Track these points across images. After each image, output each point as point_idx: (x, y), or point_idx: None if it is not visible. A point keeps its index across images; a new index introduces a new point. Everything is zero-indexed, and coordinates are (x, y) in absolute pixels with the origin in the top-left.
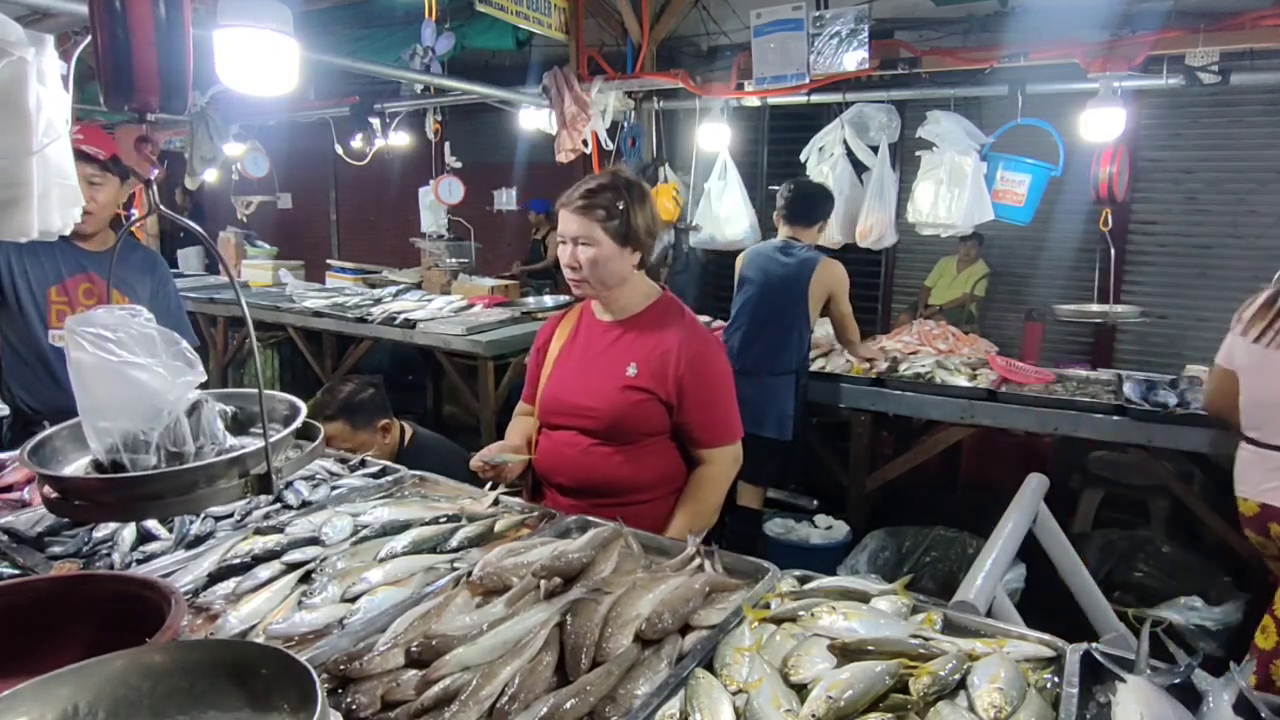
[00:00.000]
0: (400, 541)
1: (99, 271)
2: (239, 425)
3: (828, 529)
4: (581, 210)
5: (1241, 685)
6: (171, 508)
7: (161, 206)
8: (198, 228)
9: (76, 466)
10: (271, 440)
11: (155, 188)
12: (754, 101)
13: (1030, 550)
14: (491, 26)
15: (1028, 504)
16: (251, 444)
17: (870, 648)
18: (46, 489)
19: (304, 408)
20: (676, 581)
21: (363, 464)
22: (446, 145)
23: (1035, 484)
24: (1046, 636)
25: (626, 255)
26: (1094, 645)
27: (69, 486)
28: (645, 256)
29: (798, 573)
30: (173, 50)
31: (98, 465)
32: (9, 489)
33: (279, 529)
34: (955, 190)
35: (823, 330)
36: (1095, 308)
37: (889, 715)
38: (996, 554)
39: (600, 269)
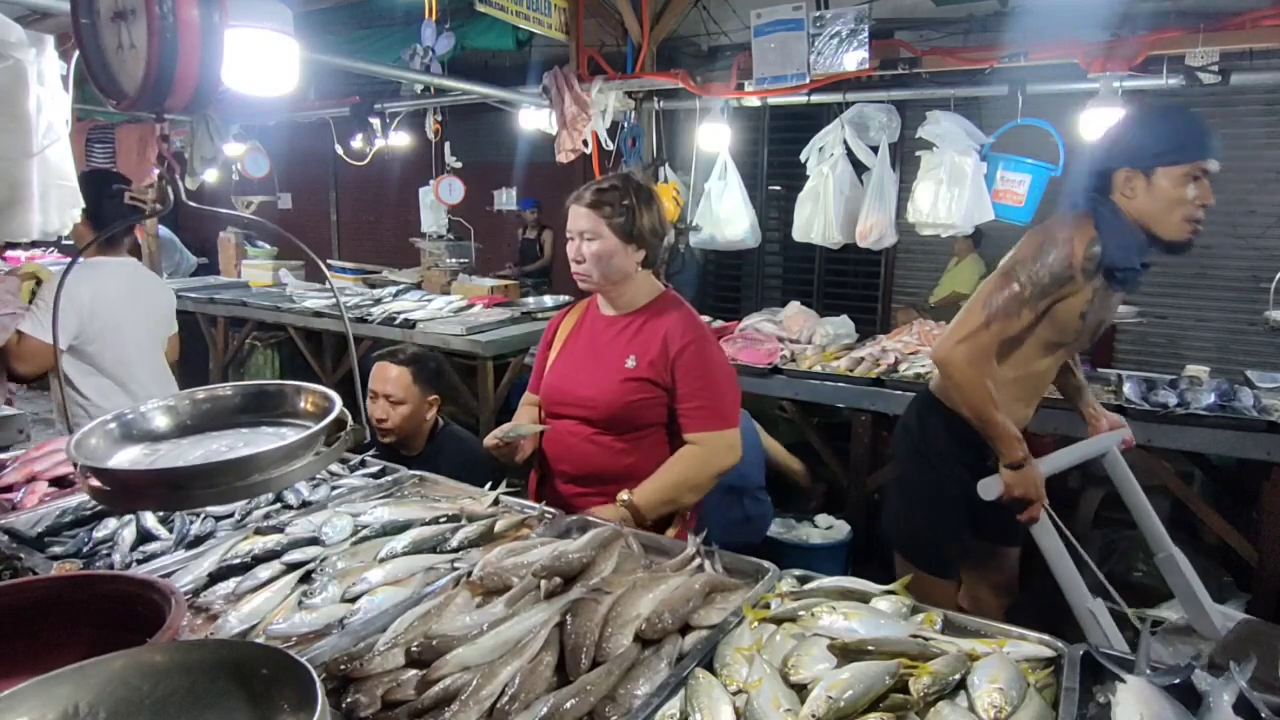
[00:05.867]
0: (400, 541)
1: None
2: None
3: (828, 529)
4: (590, 206)
5: (1241, 685)
6: (270, 484)
7: (189, 201)
8: (241, 216)
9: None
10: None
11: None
12: (754, 101)
13: (1029, 551)
14: (491, 26)
15: None
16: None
17: (870, 648)
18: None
19: (338, 400)
20: (676, 581)
21: (363, 464)
22: (446, 145)
23: None
24: (1046, 637)
25: (630, 252)
26: (1094, 645)
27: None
28: (650, 255)
29: (798, 573)
30: (212, 53)
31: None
32: (9, 489)
33: (279, 529)
34: (955, 190)
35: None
36: None
37: (889, 715)
38: None
39: (604, 263)
